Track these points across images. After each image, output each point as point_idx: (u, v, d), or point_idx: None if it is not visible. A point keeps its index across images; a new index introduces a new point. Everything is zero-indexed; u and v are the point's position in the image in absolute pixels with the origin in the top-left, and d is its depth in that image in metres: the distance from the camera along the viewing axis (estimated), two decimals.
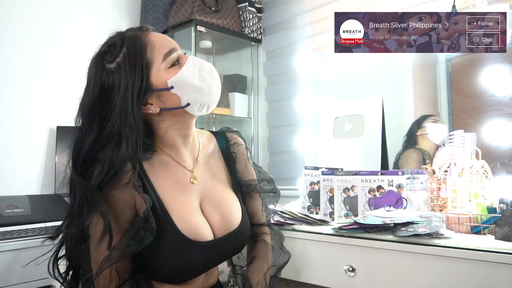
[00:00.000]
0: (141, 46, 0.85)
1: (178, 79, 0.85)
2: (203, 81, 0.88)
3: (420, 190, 1.33)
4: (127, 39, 0.87)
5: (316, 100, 1.98)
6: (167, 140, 0.92)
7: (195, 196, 0.94)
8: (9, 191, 1.89)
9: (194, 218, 0.89)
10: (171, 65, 0.86)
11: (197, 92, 0.87)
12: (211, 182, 0.98)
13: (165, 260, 0.85)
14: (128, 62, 0.84)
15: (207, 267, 0.94)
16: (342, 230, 1.14)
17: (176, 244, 0.85)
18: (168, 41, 0.89)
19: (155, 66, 0.85)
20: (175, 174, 0.92)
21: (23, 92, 2.01)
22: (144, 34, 0.88)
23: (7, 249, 1.44)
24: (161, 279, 0.88)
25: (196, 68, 0.87)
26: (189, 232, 0.86)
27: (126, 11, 2.43)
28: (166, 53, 0.86)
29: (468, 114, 1.54)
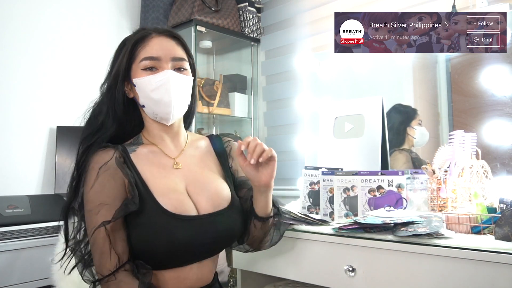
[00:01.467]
0: (138, 42, 0.99)
1: (139, 82, 0.98)
2: (157, 94, 0.97)
3: (420, 190, 1.33)
4: (137, 33, 1.01)
5: (316, 100, 1.98)
6: (152, 130, 1.04)
7: (179, 179, 1.00)
8: (9, 191, 1.89)
9: (176, 195, 0.96)
10: (145, 67, 0.98)
11: (151, 100, 0.98)
12: (198, 170, 1.04)
13: (151, 236, 0.91)
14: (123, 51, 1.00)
15: (194, 247, 0.94)
16: (342, 230, 1.14)
17: (158, 219, 0.91)
18: (160, 48, 0.98)
19: (135, 62, 0.99)
20: (159, 160, 1.01)
21: (23, 92, 2.01)
22: (151, 34, 1.00)
23: (7, 249, 1.44)
24: (152, 261, 0.92)
25: (160, 82, 0.97)
26: (170, 206, 0.93)
27: (126, 11, 2.43)
28: (145, 57, 0.98)
29: (468, 114, 1.54)
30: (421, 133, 1.67)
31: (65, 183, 1.98)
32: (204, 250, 0.97)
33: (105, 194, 0.91)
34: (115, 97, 1.00)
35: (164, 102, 0.97)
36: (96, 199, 0.90)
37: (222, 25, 2.27)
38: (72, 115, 2.19)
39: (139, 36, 0.99)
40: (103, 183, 0.91)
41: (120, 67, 0.98)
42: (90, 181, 0.92)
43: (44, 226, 1.69)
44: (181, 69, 1.01)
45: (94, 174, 0.92)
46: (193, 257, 0.96)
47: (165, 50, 0.99)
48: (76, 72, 2.19)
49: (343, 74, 1.93)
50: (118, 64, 0.99)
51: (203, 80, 2.35)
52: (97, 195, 0.91)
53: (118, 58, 1.00)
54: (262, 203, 1.03)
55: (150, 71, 0.97)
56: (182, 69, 1.01)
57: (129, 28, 2.43)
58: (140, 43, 0.99)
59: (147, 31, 1.01)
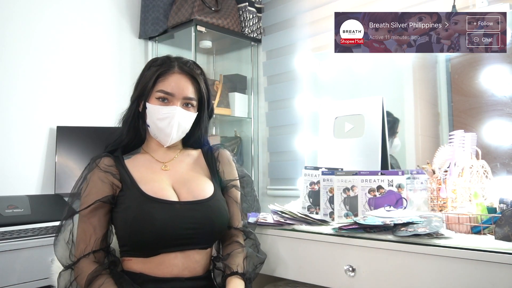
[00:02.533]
0: (160, 75, 1.14)
1: (150, 107, 1.14)
2: (161, 123, 1.13)
3: (420, 190, 1.33)
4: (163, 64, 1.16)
5: (316, 100, 1.98)
6: (151, 142, 1.20)
7: (166, 178, 1.14)
8: (9, 191, 1.89)
9: (158, 184, 1.10)
10: (159, 97, 1.14)
11: (155, 126, 1.15)
12: (184, 171, 1.18)
13: (133, 219, 1.03)
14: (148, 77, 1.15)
15: (174, 230, 1.04)
16: (342, 230, 1.14)
17: (139, 201, 1.05)
18: (177, 87, 1.13)
19: (154, 90, 1.15)
20: (150, 164, 1.17)
21: (23, 92, 2.01)
22: (173, 70, 1.15)
23: (7, 249, 1.44)
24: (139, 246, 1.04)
25: (166, 114, 1.13)
26: (151, 192, 1.07)
27: (126, 11, 2.43)
28: (161, 90, 1.13)
29: (468, 114, 1.54)
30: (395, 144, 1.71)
31: (65, 183, 1.99)
32: (185, 237, 1.05)
33: (94, 193, 1.07)
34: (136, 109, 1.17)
35: (165, 132, 1.14)
36: (87, 201, 1.06)
37: (222, 25, 2.27)
38: (72, 115, 2.21)
39: (163, 69, 1.14)
40: (91, 186, 1.08)
41: (145, 90, 1.14)
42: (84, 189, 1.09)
43: (44, 226, 1.69)
44: (188, 105, 1.16)
45: (85, 183, 1.09)
46: (174, 242, 1.04)
47: (180, 89, 1.13)
48: (76, 72, 2.19)
49: (343, 74, 1.93)
50: (143, 85, 1.15)
51: None
52: (87, 197, 1.06)
53: (143, 78, 1.16)
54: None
55: (162, 101, 1.13)
56: (189, 105, 1.16)
57: (129, 28, 2.43)
58: (162, 75, 1.14)
59: (171, 65, 1.15)
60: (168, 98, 1.13)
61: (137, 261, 1.06)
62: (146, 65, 1.19)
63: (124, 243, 1.08)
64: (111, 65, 2.32)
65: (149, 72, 1.15)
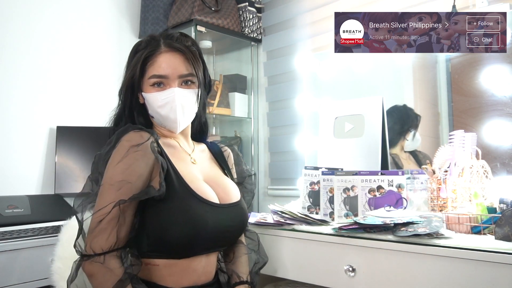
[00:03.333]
0: (147, 58, 1.03)
1: (148, 97, 1.04)
2: (163, 110, 1.03)
3: (420, 190, 1.33)
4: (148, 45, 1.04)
5: (316, 100, 1.98)
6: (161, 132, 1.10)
7: (199, 174, 1.08)
8: (9, 191, 1.89)
9: (202, 184, 1.04)
10: (153, 83, 1.03)
11: (158, 114, 1.05)
12: (208, 167, 1.14)
13: (184, 219, 0.94)
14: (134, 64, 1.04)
15: (221, 232, 1.02)
16: (342, 230, 1.14)
17: (189, 201, 0.97)
18: (168, 66, 1.02)
19: (145, 77, 1.04)
20: (179, 154, 1.07)
21: (23, 92, 2.01)
22: (159, 50, 1.03)
23: (7, 249, 1.44)
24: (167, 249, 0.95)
25: (165, 99, 1.02)
26: (200, 192, 1.00)
27: (126, 11, 2.43)
28: (153, 75, 1.03)
29: (468, 114, 1.54)
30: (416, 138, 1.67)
31: (65, 183, 1.99)
32: (223, 240, 1.05)
33: (129, 172, 0.91)
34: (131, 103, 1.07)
35: (170, 119, 1.04)
36: (119, 176, 0.91)
37: (222, 25, 2.27)
38: (72, 115, 2.21)
39: (149, 51, 1.03)
40: (130, 162, 0.92)
41: (133, 79, 1.04)
42: (117, 157, 0.92)
43: (44, 226, 1.68)
44: (188, 83, 1.05)
45: (123, 151, 0.92)
46: (213, 244, 1.03)
47: (172, 69, 1.02)
48: (76, 72, 2.19)
49: (343, 74, 1.93)
50: (130, 75, 1.04)
51: None
52: (121, 172, 0.91)
53: (130, 68, 1.05)
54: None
55: (158, 87, 1.03)
56: (189, 82, 1.05)
57: (129, 28, 2.43)
58: (150, 59, 1.02)
59: (157, 43, 1.04)
60: (163, 82, 1.03)
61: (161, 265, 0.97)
62: (131, 51, 1.07)
63: (156, 243, 0.96)
64: (111, 65, 2.32)
65: (135, 59, 1.04)
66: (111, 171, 0.92)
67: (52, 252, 1.31)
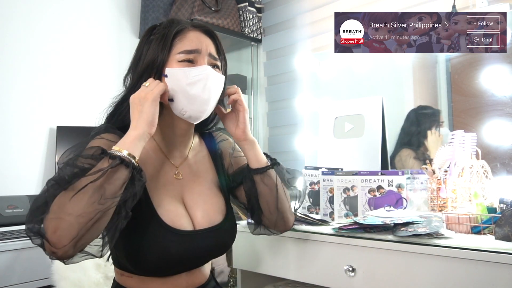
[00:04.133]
0: (176, 34, 0.93)
1: (173, 72, 0.91)
2: (193, 89, 0.90)
3: (420, 190, 1.33)
4: (172, 24, 0.95)
5: (316, 100, 1.98)
6: (161, 130, 0.97)
7: (178, 190, 0.97)
8: (9, 191, 1.89)
9: (174, 207, 0.93)
10: (183, 59, 0.91)
11: (183, 94, 0.91)
12: (196, 180, 1.01)
13: (145, 247, 0.88)
14: (159, 40, 0.93)
15: (186, 260, 0.93)
16: (342, 230, 1.14)
17: (155, 230, 0.88)
18: (199, 42, 0.93)
19: (173, 53, 0.92)
20: (162, 166, 0.97)
21: (23, 92, 2.01)
22: (188, 27, 0.95)
23: (7, 249, 1.44)
24: (143, 269, 0.90)
25: (197, 76, 0.90)
26: (167, 218, 0.90)
27: (126, 11, 2.43)
28: (186, 50, 0.92)
29: (468, 114, 1.54)
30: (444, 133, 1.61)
31: None
32: (196, 263, 0.97)
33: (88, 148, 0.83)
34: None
35: (201, 99, 0.91)
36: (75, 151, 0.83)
37: (222, 25, 2.27)
38: (72, 115, 2.21)
39: (177, 28, 0.93)
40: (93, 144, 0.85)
41: (157, 57, 0.91)
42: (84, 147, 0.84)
43: None
44: (215, 67, 0.96)
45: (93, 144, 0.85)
46: (183, 269, 0.95)
47: (204, 45, 0.94)
48: (76, 72, 2.19)
49: (343, 74, 1.93)
50: (153, 54, 0.92)
51: None
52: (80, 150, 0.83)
53: (150, 48, 0.93)
54: (251, 157, 1.01)
55: (187, 63, 0.91)
56: (215, 67, 0.96)
57: (129, 28, 2.43)
58: (178, 34, 0.93)
59: (182, 24, 0.95)
60: (194, 59, 0.92)
61: (137, 279, 0.92)
62: (144, 35, 0.96)
63: (124, 261, 0.91)
64: (111, 65, 2.32)
65: (158, 36, 0.93)
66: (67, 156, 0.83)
67: None
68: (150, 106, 0.85)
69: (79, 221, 0.72)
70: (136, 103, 0.86)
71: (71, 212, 0.72)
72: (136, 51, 0.97)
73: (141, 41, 0.97)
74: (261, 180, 1.00)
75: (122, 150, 0.80)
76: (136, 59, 0.96)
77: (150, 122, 0.85)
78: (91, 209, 0.73)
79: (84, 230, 0.72)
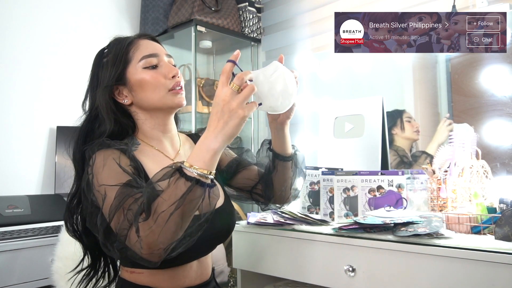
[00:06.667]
0: (127, 46, 0.99)
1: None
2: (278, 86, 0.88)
3: (420, 190, 1.33)
4: (121, 41, 1.01)
5: (316, 100, 1.98)
6: (147, 132, 1.02)
7: None
8: (9, 191, 1.89)
9: None
10: (146, 66, 0.97)
11: (270, 93, 0.88)
12: None
13: None
14: (115, 58, 0.98)
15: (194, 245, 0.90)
16: (342, 230, 1.14)
17: None
18: (154, 47, 1.00)
19: (132, 64, 0.98)
20: (160, 161, 0.99)
21: (23, 92, 2.01)
22: (137, 38, 1.01)
23: (7, 249, 1.44)
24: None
25: (276, 74, 0.89)
26: None
27: (126, 11, 2.43)
28: (145, 55, 0.98)
29: (468, 114, 1.54)
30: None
31: (65, 183, 1.99)
32: (203, 248, 0.99)
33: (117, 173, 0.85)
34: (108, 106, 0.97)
35: (286, 93, 0.91)
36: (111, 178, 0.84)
37: (222, 25, 2.27)
38: (72, 115, 2.19)
39: (127, 41, 0.99)
40: (111, 166, 0.86)
41: (115, 73, 0.96)
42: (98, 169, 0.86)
43: (44, 226, 1.69)
44: (174, 66, 1.02)
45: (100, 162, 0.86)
46: (192, 255, 0.97)
47: (157, 48, 1.01)
48: (76, 72, 2.19)
49: (343, 74, 1.93)
50: (110, 71, 0.97)
51: (203, 80, 2.35)
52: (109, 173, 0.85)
53: (107, 68, 0.97)
54: (280, 141, 1.07)
55: (152, 68, 0.97)
56: (174, 66, 1.03)
57: (129, 28, 2.43)
58: (131, 46, 0.99)
59: (130, 37, 1.02)
60: (157, 62, 0.98)
61: (148, 274, 0.94)
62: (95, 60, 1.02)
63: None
64: None
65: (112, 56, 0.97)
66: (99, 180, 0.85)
67: (52, 252, 1.31)
68: (239, 125, 0.78)
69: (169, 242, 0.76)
70: (224, 111, 0.78)
71: (162, 240, 0.75)
72: (90, 78, 1.02)
73: (94, 67, 1.02)
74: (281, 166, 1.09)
75: (199, 169, 0.76)
76: (94, 84, 1.01)
77: (232, 138, 0.79)
78: (176, 234, 0.77)
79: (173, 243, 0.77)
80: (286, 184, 1.11)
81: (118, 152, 0.89)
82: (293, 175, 1.11)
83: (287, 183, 1.11)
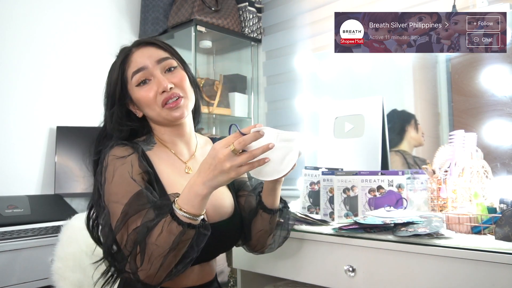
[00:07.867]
0: (122, 64, 1.00)
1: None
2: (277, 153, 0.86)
3: (420, 190, 1.33)
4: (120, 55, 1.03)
5: (316, 100, 1.98)
6: (162, 136, 1.04)
7: None
8: (9, 191, 1.89)
9: None
10: (138, 83, 0.98)
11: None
12: None
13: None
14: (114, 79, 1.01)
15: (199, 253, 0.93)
16: (342, 230, 1.13)
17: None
18: (143, 58, 0.99)
19: (129, 82, 1.00)
20: (173, 163, 1.02)
21: (23, 92, 2.01)
22: (131, 50, 1.01)
23: (7, 249, 1.44)
24: None
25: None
26: None
27: (126, 11, 2.43)
28: (133, 72, 0.98)
29: (468, 114, 1.54)
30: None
31: (65, 183, 1.99)
32: (206, 256, 0.99)
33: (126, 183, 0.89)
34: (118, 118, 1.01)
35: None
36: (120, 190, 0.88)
37: (222, 25, 2.27)
38: (72, 115, 2.21)
39: (122, 57, 1.01)
40: (122, 174, 0.89)
41: (115, 94, 1.00)
42: (109, 176, 0.90)
43: (44, 226, 1.68)
44: (171, 69, 1.00)
45: (111, 168, 0.90)
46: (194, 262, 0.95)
47: (148, 57, 0.99)
48: (76, 72, 2.19)
49: (343, 74, 1.93)
50: (113, 92, 1.00)
51: (203, 80, 2.35)
52: (120, 186, 0.88)
53: (111, 85, 1.01)
54: (271, 196, 1.03)
55: (144, 84, 0.98)
56: (171, 68, 1.00)
57: (129, 28, 2.43)
58: (125, 64, 1.00)
59: (126, 49, 1.03)
60: (147, 76, 0.97)
61: None
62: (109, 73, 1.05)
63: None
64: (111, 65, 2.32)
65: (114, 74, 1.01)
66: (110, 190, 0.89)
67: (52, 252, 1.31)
68: (227, 181, 0.82)
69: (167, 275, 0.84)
70: (216, 167, 0.81)
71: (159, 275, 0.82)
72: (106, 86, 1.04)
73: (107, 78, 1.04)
74: (267, 218, 1.04)
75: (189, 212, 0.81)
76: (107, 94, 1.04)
77: (218, 187, 0.83)
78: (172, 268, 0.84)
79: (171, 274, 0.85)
80: (263, 234, 1.06)
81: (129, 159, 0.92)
82: (271, 229, 1.06)
83: (264, 234, 1.06)
